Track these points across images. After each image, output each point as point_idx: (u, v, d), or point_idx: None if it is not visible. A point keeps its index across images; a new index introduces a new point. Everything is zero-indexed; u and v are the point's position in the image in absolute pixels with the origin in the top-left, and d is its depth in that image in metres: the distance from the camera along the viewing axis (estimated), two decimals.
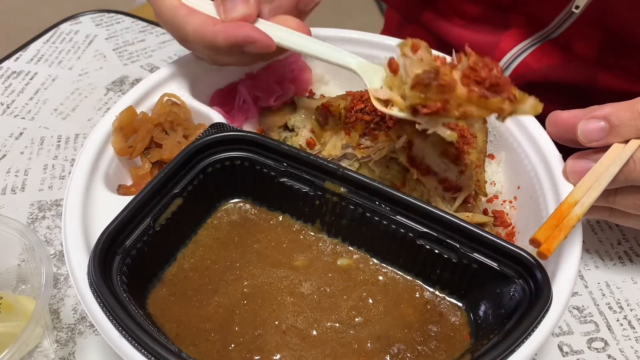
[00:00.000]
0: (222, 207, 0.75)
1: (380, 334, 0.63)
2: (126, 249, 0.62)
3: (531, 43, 0.97)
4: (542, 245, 0.55)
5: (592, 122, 0.64)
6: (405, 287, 0.68)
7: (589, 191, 0.60)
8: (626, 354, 0.71)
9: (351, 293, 0.67)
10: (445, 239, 0.64)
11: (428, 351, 0.62)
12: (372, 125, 0.77)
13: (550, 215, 0.58)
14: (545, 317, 0.57)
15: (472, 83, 0.58)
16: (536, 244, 0.56)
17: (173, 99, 0.79)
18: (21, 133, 0.96)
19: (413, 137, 0.74)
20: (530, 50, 0.98)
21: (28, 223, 0.82)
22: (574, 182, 0.66)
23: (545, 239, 0.56)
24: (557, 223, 0.57)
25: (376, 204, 0.67)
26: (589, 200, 0.60)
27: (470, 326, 0.64)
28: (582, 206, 0.59)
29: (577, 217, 0.58)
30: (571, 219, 0.58)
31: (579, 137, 0.65)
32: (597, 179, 0.62)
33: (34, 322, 0.59)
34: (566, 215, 0.58)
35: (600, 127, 0.63)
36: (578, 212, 0.58)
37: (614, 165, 0.62)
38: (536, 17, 0.94)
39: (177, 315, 0.63)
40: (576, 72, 0.78)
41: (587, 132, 0.64)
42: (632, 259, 0.81)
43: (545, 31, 0.95)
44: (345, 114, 0.78)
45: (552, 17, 0.93)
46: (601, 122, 0.63)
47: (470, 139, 0.75)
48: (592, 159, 0.65)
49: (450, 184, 0.72)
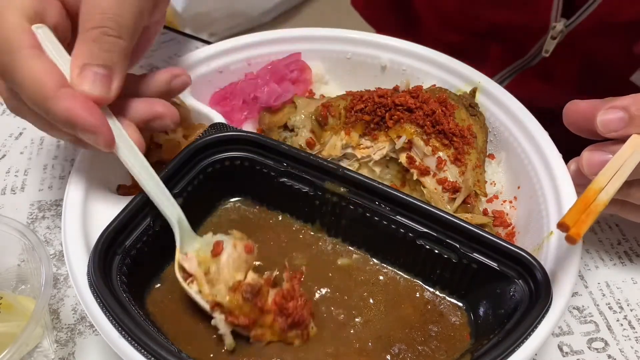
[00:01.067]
0: (222, 207, 0.75)
1: (381, 334, 0.63)
2: (126, 249, 0.62)
3: (511, 72, 0.99)
4: (571, 229, 0.54)
5: (611, 112, 0.63)
6: (405, 287, 0.68)
7: (612, 179, 0.59)
8: (626, 354, 0.71)
9: (351, 293, 0.67)
10: (445, 239, 0.65)
11: (428, 351, 0.62)
12: (372, 125, 0.77)
13: (576, 201, 0.57)
14: (545, 317, 0.57)
15: (278, 313, 0.59)
16: (565, 227, 0.55)
17: (173, 99, 0.79)
18: (21, 133, 0.96)
19: (413, 137, 0.74)
20: (510, 78, 1.00)
21: (28, 223, 0.82)
22: (590, 173, 0.65)
23: (574, 223, 0.55)
24: (584, 208, 0.56)
25: (376, 204, 0.67)
26: (614, 187, 0.59)
27: (470, 326, 0.64)
28: (607, 193, 0.58)
29: (604, 203, 0.57)
30: (598, 205, 0.57)
31: (597, 127, 0.64)
32: (619, 168, 0.61)
33: (34, 322, 0.59)
34: (592, 201, 0.57)
35: (620, 117, 0.62)
36: (604, 199, 0.57)
37: (635, 155, 0.61)
38: (515, 46, 0.95)
39: (176, 315, 0.63)
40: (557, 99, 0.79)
41: (606, 122, 0.63)
42: (632, 259, 0.81)
43: (524, 60, 0.96)
44: (345, 114, 0.78)
45: (530, 47, 0.93)
46: (620, 112, 0.62)
47: (470, 139, 0.75)
48: (609, 151, 0.64)
49: (449, 184, 0.72)
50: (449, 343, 0.63)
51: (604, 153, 0.64)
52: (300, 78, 0.87)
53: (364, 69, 0.90)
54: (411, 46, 0.88)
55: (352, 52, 0.90)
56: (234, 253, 0.61)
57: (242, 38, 0.88)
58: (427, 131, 0.74)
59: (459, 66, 0.86)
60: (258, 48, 0.88)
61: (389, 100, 0.76)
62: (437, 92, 0.81)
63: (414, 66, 0.88)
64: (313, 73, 0.89)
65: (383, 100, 0.76)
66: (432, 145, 0.74)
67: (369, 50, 0.89)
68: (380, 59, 0.89)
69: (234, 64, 0.87)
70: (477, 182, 0.74)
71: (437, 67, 0.87)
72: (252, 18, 2.56)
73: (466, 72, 0.85)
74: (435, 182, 0.73)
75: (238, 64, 0.87)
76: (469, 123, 0.77)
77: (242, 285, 0.59)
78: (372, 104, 0.76)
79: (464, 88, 0.84)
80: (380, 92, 0.78)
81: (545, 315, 0.57)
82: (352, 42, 0.90)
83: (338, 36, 0.90)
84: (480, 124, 0.80)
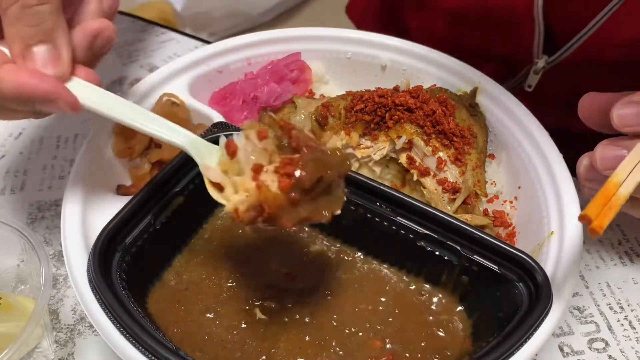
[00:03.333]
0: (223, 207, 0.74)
1: (382, 335, 0.63)
2: (126, 247, 0.62)
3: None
4: (593, 222, 0.54)
5: (629, 107, 0.62)
6: (405, 288, 0.68)
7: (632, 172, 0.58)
8: (627, 355, 0.71)
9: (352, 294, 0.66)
10: (446, 241, 0.64)
11: (428, 352, 0.62)
12: (372, 125, 0.77)
13: (597, 194, 0.56)
14: (545, 320, 0.57)
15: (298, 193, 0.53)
16: (587, 220, 0.54)
17: (172, 99, 0.79)
18: (20, 133, 0.95)
19: (413, 138, 0.74)
20: None
21: (27, 223, 0.82)
22: (602, 168, 0.65)
23: (596, 216, 0.54)
24: (605, 201, 0.56)
25: (377, 205, 0.67)
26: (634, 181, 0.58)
27: (470, 328, 0.64)
28: (627, 188, 0.57)
29: (625, 197, 0.57)
30: (619, 199, 0.56)
31: (613, 121, 0.62)
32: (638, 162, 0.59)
33: (34, 322, 0.59)
34: (613, 194, 0.57)
35: (637, 112, 0.61)
36: (625, 193, 0.57)
37: None
38: (505, 67, 0.96)
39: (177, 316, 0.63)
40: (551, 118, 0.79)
41: (623, 117, 0.62)
42: (632, 259, 0.81)
43: (515, 80, 0.96)
44: (345, 114, 0.78)
45: (519, 71, 0.94)
46: (638, 107, 0.61)
47: (471, 139, 0.75)
48: (623, 146, 0.63)
49: (449, 184, 0.72)
50: (449, 345, 0.63)
51: (618, 148, 0.63)
52: (300, 78, 0.87)
53: (364, 69, 0.89)
54: (411, 46, 0.88)
55: (352, 52, 0.90)
56: (249, 145, 0.56)
57: (242, 38, 0.88)
58: (427, 131, 0.74)
59: (459, 66, 0.86)
60: (258, 48, 0.88)
61: (389, 100, 0.75)
62: (437, 92, 0.80)
63: (414, 66, 0.87)
64: (313, 73, 0.89)
65: (383, 100, 0.76)
66: (433, 145, 0.74)
67: (369, 50, 0.89)
68: (380, 59, 0.89)
69: (234, 63, 0.87)
70: (478, 182, 0.74)
71: (437, 67, 0.86)
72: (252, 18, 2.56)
73: (466, 72, 0.85)
74: (435, 182, 0.73)
75: (238, 64, 0.87)
76: (469, 123, 0.77)
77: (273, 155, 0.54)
78: (372, 104, 0.76)
79: (464, 88, 0.84)
80: (380, 92, 0.77)
81: (545, 318, 0.57)
82: (352, 42, 0.90)
83: (338, 36, 0.90)
84: (481, 124, 0.80)
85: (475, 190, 0.73)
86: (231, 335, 0.62)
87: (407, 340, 0.63)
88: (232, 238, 0.71)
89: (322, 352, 0.61)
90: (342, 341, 0.62)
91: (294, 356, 0.61)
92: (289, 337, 0.62)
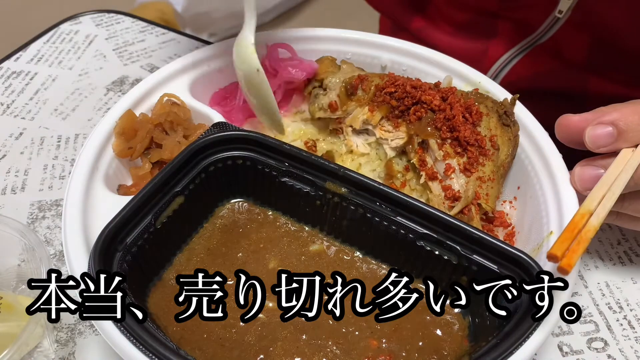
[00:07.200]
0: (223, 206, 0.75)
1: (379, 335, 0.63)
2: (127, 246, 0.62)
3: (520, 49, 0.97)
4: (562, 260, 0.52)
5: (599, 128, 0.62)
6: None
7: (602, 201, 0.58)
8: (626, 354, 0.71)
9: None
10: (445, 240, 0.64)
11: (426, 352, 0.62)
12: (397, 112, 0.77)
13: (565, 228, 0.56)
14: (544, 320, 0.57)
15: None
16: (554, 259, 0.53)
17: (173, 99, 0.79)
18: (21, 133, 0.96)
19: (429, 139, 0.74)
20: (519, 57, 0.98)
21: (28, 223, 0.82)
22: (582, 189, 0.65)
23: (563, 253, 0.53)
24: (573, 236, 0.55)
25: (377, 204, 0.67)
26: (604, 210, 0.57)
27: (469, 328, 0.64)
28: (598, 217, 0.56)
29: (595, 228, 0.55)
30: (588, 231, 0.55)
31: (586, 143, 0.63)
32: (609, 188, 0.59)
33: (34, 322, 0.59)
34: (582, 227, 0.55)
35: (608, 132, 0.62)
36: (595, 224, 0.56)
37: (625, 173, 0.60)
38: (524, 22, 0.94)
39: None
40: (566, 78, 0.77)
41: (595, 138, 0.63)
42: (631, 259, 0.81)
43: (534, 36, 0.94)
44: (375, 91, 0.78)
45: (540, 22, 0.92)
46: (609, 127, 0.62)
47: (488, 150, 0.73)
48: (600, 165, 0.63)
49: (450, 192, 0.72)
50: (447, 344, 0.63)
51: (595, 168, 0.64)
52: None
53: (364, 69, 0.90)
54: (411, 46, 0.88)
55: (352, 52, 0.90)
56: None
57: None
58: (442, 136, 0.74)
59: (459, 66, 0.86)
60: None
61: (419, 93, 0.75)
62: (471, 95, 0.79)
63: (414, 66, 0.88)
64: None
65: (414, 92, 0.76)
66: (445, 150, 0.73)
67: (369, 50, 0.89)
68: (380, 59, 0.89)
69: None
70: (487, 195, 0.72)
71: (437, 67, 0.87)
72: None
73: (466, 72, 0.85)
74: (440, 188, 0.73)
75: None
76: (495, 133, 0.75)
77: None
78: (403, 91, 0.76)
79: (464, 88, 0.84)
80: (415, 82, 0.78)
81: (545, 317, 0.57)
82: (352, 42, 0.90)
83: (338, 36, 0.90)
84: (510, 135, 0.77)
85: (480, 202, 0.71)
86: (229, 334, 0.62)
87: (404, 339, 0.63)
88: (232, 238, 0.71)
89: (319, 351, 0.61)
90: (339, 340, 0.62)
91: (291, 355, 0.61)
92: (287, 335, 0.62)
